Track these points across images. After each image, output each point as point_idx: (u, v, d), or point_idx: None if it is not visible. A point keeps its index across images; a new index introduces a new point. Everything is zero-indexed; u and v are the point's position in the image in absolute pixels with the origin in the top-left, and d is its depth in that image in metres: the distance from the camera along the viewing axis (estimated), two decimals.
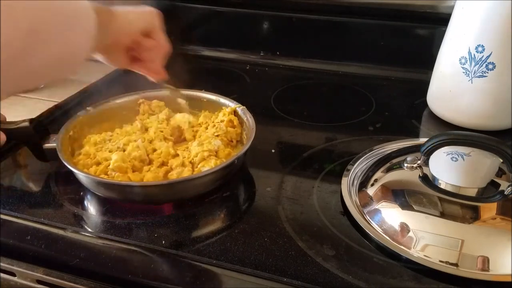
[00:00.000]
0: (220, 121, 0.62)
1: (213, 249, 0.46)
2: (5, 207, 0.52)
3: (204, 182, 0.52)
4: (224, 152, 0.57)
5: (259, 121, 0.59)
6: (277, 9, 0.93)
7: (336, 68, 0.91)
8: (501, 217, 0.46)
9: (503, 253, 0.43)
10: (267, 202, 0.53)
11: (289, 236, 0.47)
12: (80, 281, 0.47)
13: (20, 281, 0.51)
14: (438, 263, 0.43)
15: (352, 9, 0.88)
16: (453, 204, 0.47)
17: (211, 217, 0.52)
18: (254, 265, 0.43)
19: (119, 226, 0.49)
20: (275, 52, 0.95)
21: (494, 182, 0.49)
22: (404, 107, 0.76)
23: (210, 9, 0.97)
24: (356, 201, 0.51)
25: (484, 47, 0.62)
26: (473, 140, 0.47)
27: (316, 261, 0.44)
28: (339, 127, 0.70)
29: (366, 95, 0.80)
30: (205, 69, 0.96)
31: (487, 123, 0.66)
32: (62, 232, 0.49)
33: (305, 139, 0.67)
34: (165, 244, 0.47)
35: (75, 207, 0.53)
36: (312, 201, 0.53)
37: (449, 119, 0.69)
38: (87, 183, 0.53)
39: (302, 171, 0.59)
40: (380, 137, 0.65)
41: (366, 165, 0.57)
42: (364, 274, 0.42)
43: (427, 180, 0.50)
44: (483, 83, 0.63)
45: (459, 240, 0.44)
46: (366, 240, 0.46)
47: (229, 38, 0.98)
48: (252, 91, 0.85)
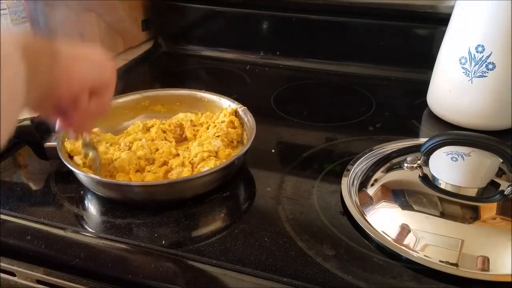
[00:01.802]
0: (221, 121, 0.62)
1: (213, 249, 0.46)
2: (5, 207, 0.52)
3: (204, 182, 0.52)
4: (224, 152, 0.57)
5: (259, 121, 0.59)
6: (277, 9, 0.93)
7: (336, 68, 0.91)
8: (501, 217, 0.46)
9: (503, 253, 0.43)
10: (267, 202, 0.53)
11: (289, 236, 0.47)
12: (80, 281, 0.47)
13: (20, 281, 0.51)
14: (438, 263, 0.43)
15: (352, 9, 0.88)
16: (453, 204, 0.47)
17: (211, 217, 0.52)
18: (254, 265, 0.43)
19: (119, 226, 0.49)
20: (275, 52, 0.95)
21: (494, 182, 0.49)
22: (404, 107, 0.76)
23: (210, 9, 0.97)
24: (356, 201, 0.51)
25: (484, 47, 0.62)
26: (473, 140, 0.47)
27: (316, 261, 0.44)
28: (339, 127, 0.70)
29: (366, 95, 0.80)
30: (205, 69, 0.96)
31: (487, 123, 0.66)
32: (62, 232, 0.49)
33: (305, 139, 0.67)
34: (165, 244, 0.47)
35: (75, 207, 0.53)
36: (312, 201, 0.53)
37: (449, 119, 0.69)
38: (87, 182, 0.53)
39: (302, 171, 0.59)
40: (380, 137, 0.65)
41: (366, 165, 0.57)
42: (364, 274, 0.42)
43: (427, 180, 0.50)
44: (483, 83, 0.63)
45: (459, 240, 0.44)
46: (366, 240, 0.46)
47: (229, 38, 0.98)
48: (252, 91, 0.85)
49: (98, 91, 0.45)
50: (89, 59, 0.44)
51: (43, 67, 0.37)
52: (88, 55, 0.44)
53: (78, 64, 0.42)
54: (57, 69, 0.39)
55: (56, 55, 0.39)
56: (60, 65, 0.39)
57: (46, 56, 0.38)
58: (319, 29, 0.91)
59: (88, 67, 0.44)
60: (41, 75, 0.37)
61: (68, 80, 0.41)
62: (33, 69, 0.33)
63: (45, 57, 0.38)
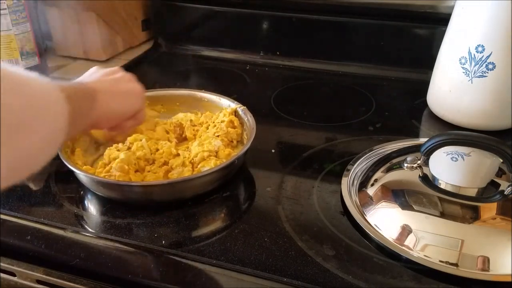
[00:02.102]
0: (221, 121, 0.62)
1: (213, 249, 0.46)
2: (5, 207, 0.52)
3: (204, 182, 0.52)
4: (224, 152, 0.57)
5: (259, 121, 0.59)
6: (277, 9, 0.93)
7: (336, 68, 0.91)
8: (501, 217, 0.46)
9: (503, 253, 0.43)
10: (267, 202, 0.53)
11: (289, 236, 0.47)
12: (80, 281, 0.47)
13: (20, 281, 0.51)
14: (438, 263, 0.43)
15: (352, 9, 0.88)
16: (453, 204, 0.47)
17: (211, 217, 0.52)
18: (254, 265, 0.43)
19: (119, 226, 0.49)
20: (275, 52, 0.95)
21: (494, 182, 0.49)
22: (404, 107, 0.76)
23: (210, 9, 0.97)
24: (356, 201, 0.51)
25: (484, 47, 0.62)
26: (473, 140, 0.47)
27: (316, 261, 0.44)
28: (339, 127, 0.70)
29: (366, 95, 0.80)
30: (205, 69, 0.96)
31: (487, 123, 0.66)
32: (62, 232, 0.49)
33: (305, 139, 0.67)
34: (165, 244, 0.47)
35: (75, 207, 0.53)
36: (312, 201, 0.53)
37: (449, 119, 0.69)
38: (87, 182, 0.53)
39: (302, 171, 0.59)
40: (380, 137, 0.65)
41: (366, 165, 0.57)
42: (364, 274, 0.42)
43: (427, 180, 0.50)
44: (483, 83, 0.63)
45: (459, 240, 0.44)
46: (366, 240, 0.46)
47: (229, 38, 0.98)
48: (252, 91, 0.85)
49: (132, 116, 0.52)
50: (122, 92, 0.49)
51: (84, 109, 0.42)
52: (120, 88, 0.49)
53: (113, 100, 0.48)
54: (97, 109, 0.44)
55: (94, 97, 0.44)
56: (98, 105, 0.44)
57: (86, 99, 0.43)
58: (319, 29, 0.91)
59: (122, 101, 0.49)
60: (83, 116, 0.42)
61: (106, 118, 0.48)
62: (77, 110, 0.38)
63: (85, 100, 0.43)
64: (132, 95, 0.51)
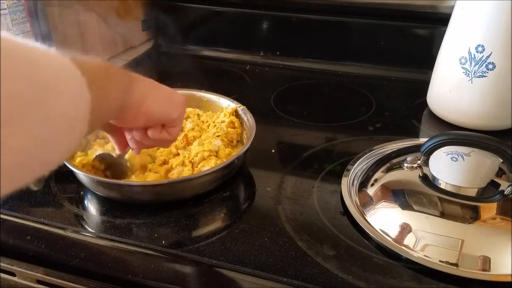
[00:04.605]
0: (221, 121, 0.62)
1: (213, 249, 0.46)
2: (5, 207, 0.52)
3: (204, 181, 0.52)
4: (224, 152, 0.57)
5: (259, 121, 0.59)
6: (277, 9, 0.93)
7: (336, 68, 0.91)
8: (501, 217, 0.46)
9: (503, 253, 0.43)
10: (267, 202, 0.53)
11: (289, 236, 0.47)
12: (80, 281, 0.47)
13: (20, 281, 0.51)
14: (438, 263, 0.43)
15: (352, 9, 0.88)
16: (453, 204, 0.47)
17: (211, 217, 0.52)
18: (254, 265, 0.43)
19: (119, 226, 0.49)
20: (275, 52, 0.95)
21: (494, 182, 0.49)
22: (404, 107, 0.76)
23: (210, 9, 0.97)
24: (356, 201, 0.51)
25: (484, 47, 0.62)
26: (473, 140, 0.47)
27: (316, 261, 0.44)
28: (339, 127, 0.70)
29: (366, 95, 0.80)
30: (205, 69, 0.96)
31: (487, 123, 0.66)
32: (62, 232, 0.49)
33: (305, 139, 0.67)
34: (165, 244, 0.47)
35: (75, 207, 0.53)
36: (312, 201, 0.53)
37: (449, 119, 0.69)
38: (87, 182, 0.53)
39: (302, 171, 0.59)
40: (380, 137, 0.65)
41: (366, 165, 0.57)
42: (364, 274, 0.42)
43: (427, 180, 0.50)
44: (483, 83, 0.63)
45: (459, 240, 0.44)
46: (366, 240, 0.46)
47: (229, 38, 0.98)
48: (252, 91, 0.85)
49: (165, 125, 0.46)
50: (163, 92, 0.44)
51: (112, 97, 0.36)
52: (161, 88, 0.45)
53: (152, 95, 0.42)
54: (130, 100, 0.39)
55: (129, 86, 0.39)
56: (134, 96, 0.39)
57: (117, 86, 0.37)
58: (319, 29, 0.91)
59: (162, 101, 0.44)
60: (109, 103, 0.36)
61: (138, 113, 0.41)
62: (102, 96, 0.33)
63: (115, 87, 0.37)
64: (173, 100, 0.46)
